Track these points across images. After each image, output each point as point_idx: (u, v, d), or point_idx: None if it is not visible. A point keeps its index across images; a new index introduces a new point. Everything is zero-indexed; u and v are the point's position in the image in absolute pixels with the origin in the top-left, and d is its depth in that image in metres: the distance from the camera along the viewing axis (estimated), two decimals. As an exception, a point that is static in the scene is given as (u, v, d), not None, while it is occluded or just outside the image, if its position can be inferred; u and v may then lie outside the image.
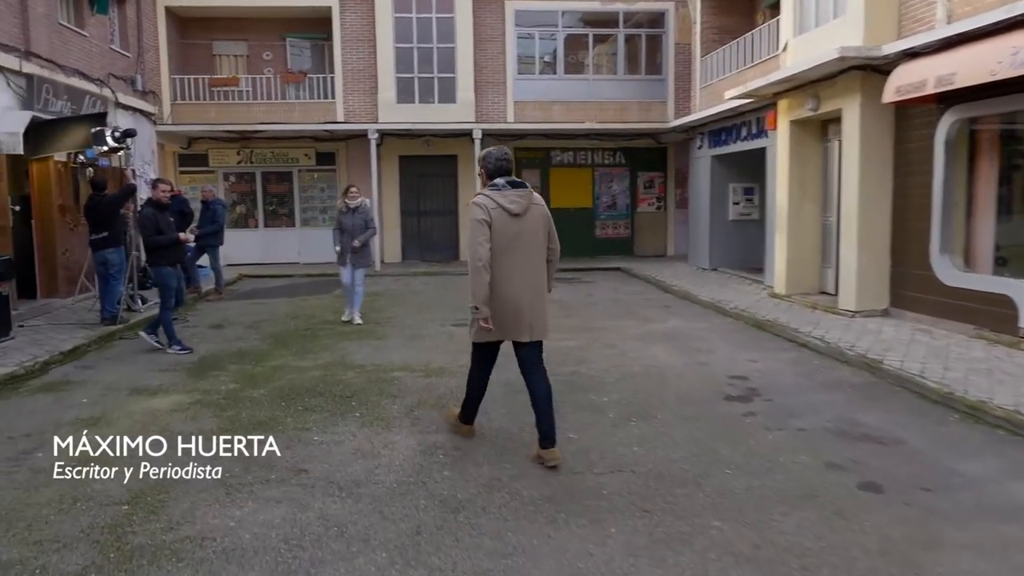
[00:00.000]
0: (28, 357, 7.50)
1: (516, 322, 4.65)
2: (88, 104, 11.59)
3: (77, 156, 11.35)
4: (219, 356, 7.91)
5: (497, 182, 4.64)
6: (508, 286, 4.57)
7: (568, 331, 9.12)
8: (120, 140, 9.49)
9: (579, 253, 18.02)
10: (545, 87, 17.42)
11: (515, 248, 4.56)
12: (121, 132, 9.52)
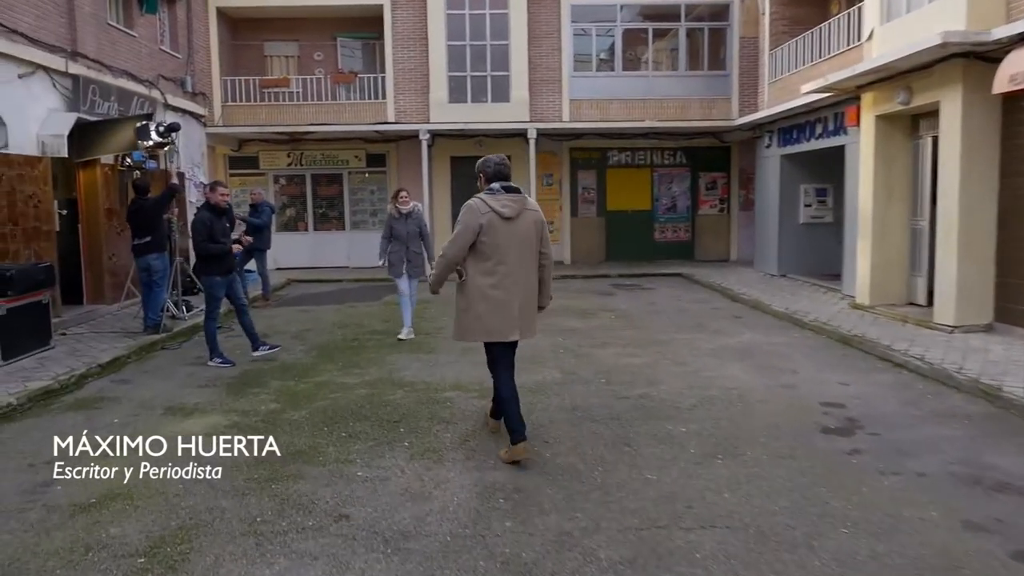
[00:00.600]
0: (65, 370, 7.15)
1: (508, 322, 4.74)
2: (136, 106, 11.34)
3: (124, 159, 11.11)
4: (261, 370, 7.44)
5: (493, 186, 4.75)
6: (498, 288, 4.67)
7: (633, 345, 8.41)
8: (165, 134, 9.15)
9: (637, 258, 17.29)
10: (602, 85, 16.69)
11: (506, 251, 4.66)
12: (165, 126, 9.17)
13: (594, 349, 8.23)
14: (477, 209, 4.62)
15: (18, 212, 8.85)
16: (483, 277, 4.65)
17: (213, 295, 7.62)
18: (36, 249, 9.16)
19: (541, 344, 8.46)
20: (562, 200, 17.45)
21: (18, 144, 8.81)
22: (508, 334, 4.78)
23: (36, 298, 7.84)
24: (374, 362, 7.71)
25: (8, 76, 8.62)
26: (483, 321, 4.70)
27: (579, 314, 10.63)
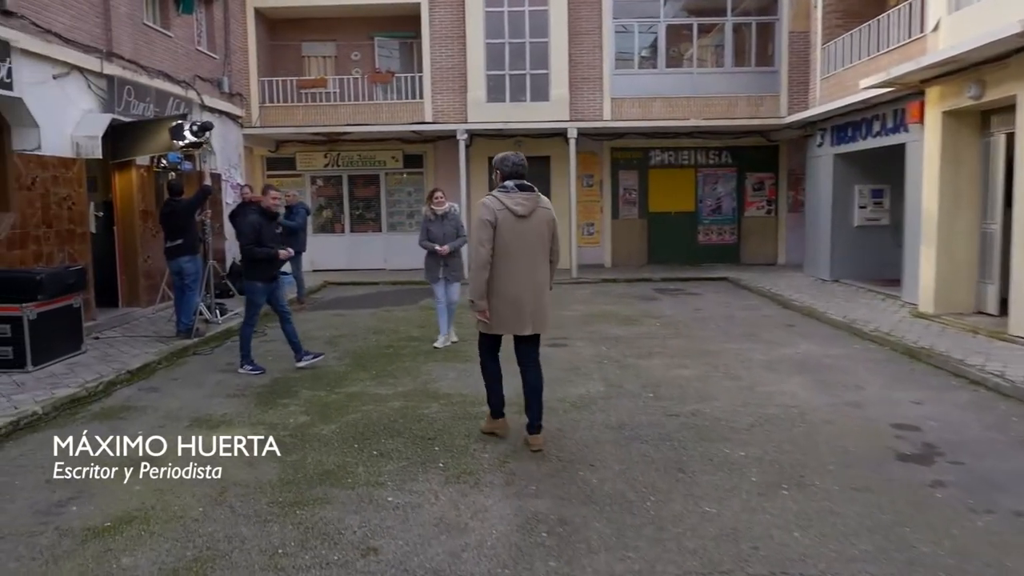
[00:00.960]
0: (93, 376, 6.95)
1: (518, 317, 4.94)
2: (172, 107, 11.22)
3: (160, 160, 11.02)
4: (292, 379, 7.16)
5: (507, 184, 4.88)
6: (511, 284, 4.86)
7: (681, 355, 7.95)
8: (199, 133, 8.96)
9: (680, 261, 16.75)
10: (644, 83, 16.19)
11: (519, 248, 4.84)
12: (199, 125, 8.98)
13: (640, 360, 7.78)
14: (491, 207, 4.78)
15: (52, 214, 8.74)
16: (496, 274, 4.82)
17: (253, 301, 7.35)
18: (70, 251, 9.05)
19: (584, 353, 8.06)
20: (603, 201, 16.99)
21: (52, 146, 8.69)
22: (521, 328, 4.99)
23: (67, 302, 7.69)
24: (409, 371, 7.38)
25: (42, 77, 8.50)
26: (497, 315, 4.91)
27: (622, 321, 10.18)
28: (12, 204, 8.10)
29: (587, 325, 9.88)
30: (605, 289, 13.76)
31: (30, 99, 8.13)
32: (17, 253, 8.12)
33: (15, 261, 8.04)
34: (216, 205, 13.28)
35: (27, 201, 8.30)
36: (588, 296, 12.79)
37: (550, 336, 8.99)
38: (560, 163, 16.60)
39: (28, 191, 8.32)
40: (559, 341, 8.77)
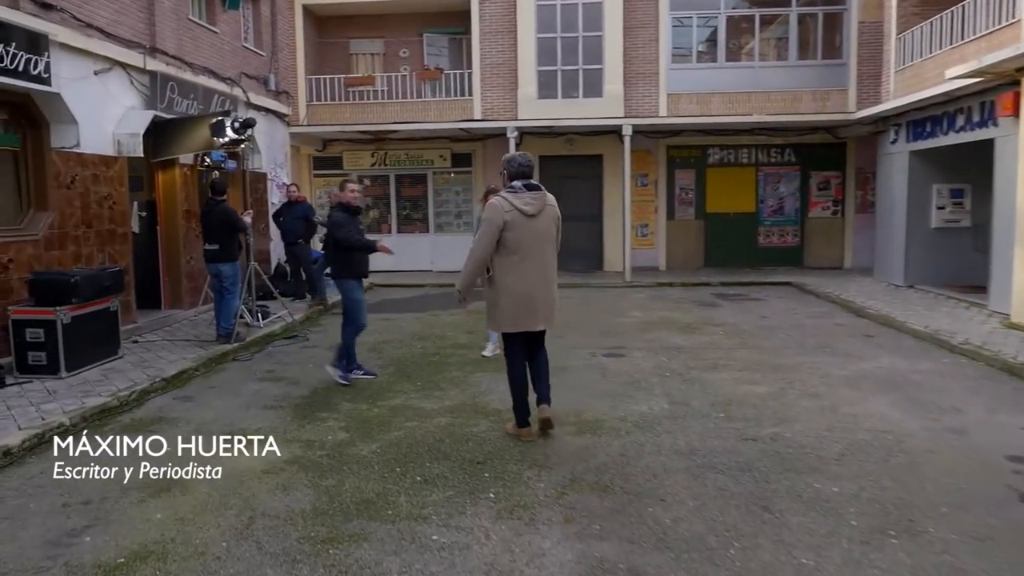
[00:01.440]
0: (127, 384, 6.64)
1: (532, 313, 5.05)
2: (217, 104, 10.96)
3: (203, 159, 10.75)
4: (332, 389, 6.73)
5: (515, 184, 5.02)
6: (523, 282, 4.98)
7: (750, 369, 7.29)
8: (240, 130, 8.65)
9: (739, 264, 15.97)
10: (703, 77, 15.44)
11: (530, 246, 4.96)
12: (241, 122, 8.66)
13: (705, 373, 7.15)
14: (500, 207, 4.89)
15: (92, 214, 8.51)
16: (508, 272, 4.96)
17: (355, 298, 6.85)
18: (111, 252, 8.82)
19: (643, 365, 7.46)
20: (657, 201, 16.29)
21: (93, 143, 8.46)
22: (533, 324, 5.09)
23: (103, 305, 7.42)
24: (456, 382, 6.89)
25: (83, 72, 8.27)
26: (510, 313, 5.02)
27: (682, 329, 9.53)
28: (50, 203, 7.87)
29: (645, 333, 9.26)
30: (661, 293, 13.10)
31: (69, 95, 7.89)
32: (55, 254, 7.89)
33: (53, 262, 7.80)
34: (261, 205, 13.05)
35: (66, 200, 8.07)
36: (644, 301, 12.15)
37: (606, 345, 8.43)
38: (613, 162, 15.99)
39: (67, 190, 8.09)
40: (616, 351, 8.18)
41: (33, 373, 6.80)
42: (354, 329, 6.90)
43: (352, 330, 6.89)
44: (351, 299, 6.86)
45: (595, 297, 12.69)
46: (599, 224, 16.35)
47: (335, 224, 6.71)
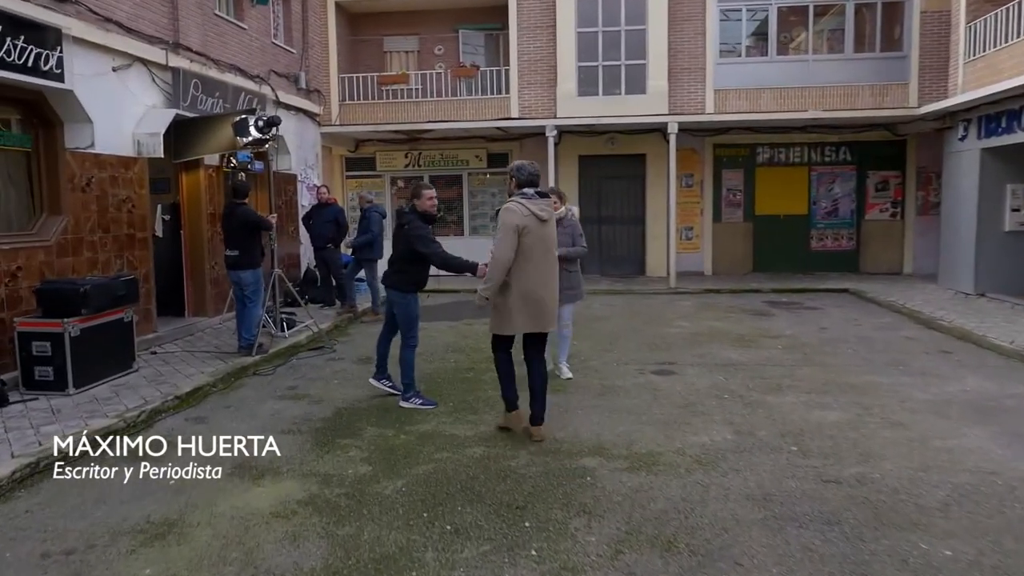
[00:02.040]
0: (137, 403, 6.15)
1: (540, 315, 5.18)
2: (244, 103, 10.51)
3: (229, 160, 10.31)
4: (357, 410, 6.16)
5: (527, 191, 5.17)
6: (534, 284, 5.11)
7: (819, 390, 6.53)
8: (265, 129, 8.14)
9: (790, 269, 15.11)
10: (752, 72, 14.61)
11: (541, 250, 5.14)
12: (265, 120, 8.16)
13: (768, 395, 6.42)
14: (519, 211, 5.05)
15: (109, 218, 8.07)
16: (520, 275, 5.07)
17: (416, 315, 6.21)
18: (129, 258, 8.38)
19: (698, 385, 6.75)
20: (703, 203, 15.49)
21: (111, 143, 8.03)
22: (540, 325, 5.23)
23: (116, 316, 6.95)
24: (492, 403, 6.25)
25: (99, 69, 7.84)
26: (522, 315, 5.13)
27: (736, 341, 8.78)
28: (64, 207, 7.44)
29: (696, 347, 8.54)
30: (709, 301, 12.32)
31: (84, 92, 7.46)
32: (69, 260, 7.45)
33: (66, 269, 7.37)
34: (290, 208, 12.61)
35: (81, 204, 7.64)
36: (691, 310, 11.39)
37: (655, 360, 7.75)
38: (657, 161, 15.23)
39: (83, 193, 7.66)
40: (666, 367, 7.48)
41: (40, 389, 6.35)
42: (414, 348, 6.27)
43: (413, 351, 6.26)
44: (413, 316, 6.21)
45: (639, 305, 11.96)
46: (641, 227, 15.61)
47: (420, 238, 5.97)
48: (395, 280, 6.19)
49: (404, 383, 6.24)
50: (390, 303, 6.34)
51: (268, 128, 8.24)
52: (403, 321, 6.20)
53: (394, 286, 6.20)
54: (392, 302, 6.27)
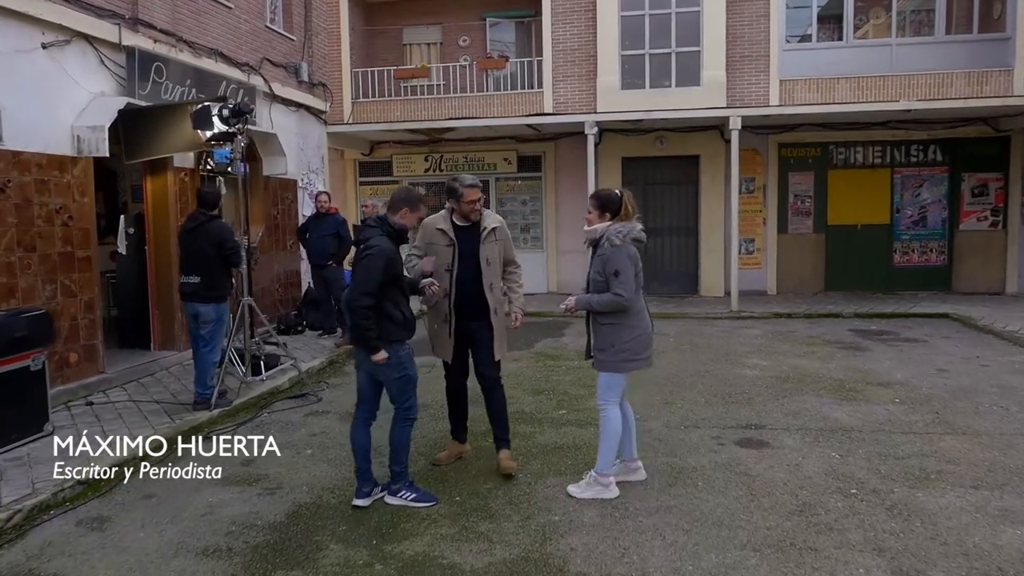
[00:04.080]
0: (19, 492, 4.40)
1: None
2: (227, 94, 8.79)
3: (206, 161, 8.64)
4: (323, 508, 4.34)
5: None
6: None
7: (986, 481, 4.51)
8: (230, 120, 6.42)
9: (869, 287, 13.02)
10: (824, 59, 12.58)
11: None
12: (231, 108, 6.43)
13: (915, 490, 4.42)
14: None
15: (35, 233, 6.39)
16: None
17: (411, 376, 4.35)
18: (65, 283, 6.70)
19: (806, 468, 4.78)
20: (766, 211, 13.41)
21: (37, 139, 6.40)
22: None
23: (15, 364, 5.22)
24: (514, 500, 4.37)
25: (20, 44, 6.20)
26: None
27: (835, 391, 6.77)
28: (-38, 219, 5.77)
29: (784, 398, 6.56)
30: (781, 328, 10.29)
31: (-8, 72, 5.80)
32: (-30, 289, 5.77)
33: (-35, 300, 5.70)
34: (290, 218, 10.91)
35: (-12, 215, 5.96)
36: (763, 341, 9.38)
37: (735, 421, 5.79)
38: (713, 163, 13.26)
39: (-8, 201, 5.98)
40: (753, 433, 5.52)
41: None
42: (412, 424, 4.44)
43: (411, 426, 4.43)
44: (410, 377, 4.34)
45: (698, 333, 9.98)
46: (694, 239, 13.61)
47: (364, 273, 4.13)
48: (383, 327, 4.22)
49: (394, 470, 4.37)
50: (366, 370, 4.34)
51: (236, 118, 6.50)
52: (396, 387, 4.30)
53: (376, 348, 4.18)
54: (373, 366, 4.22)
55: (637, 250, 4.30)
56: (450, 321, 4.72)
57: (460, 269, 4.66)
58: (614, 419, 4.39)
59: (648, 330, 4.38)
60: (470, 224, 4.72)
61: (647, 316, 4.41)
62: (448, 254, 4.67)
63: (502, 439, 4.95)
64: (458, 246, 4.66)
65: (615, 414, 4.39)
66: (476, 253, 4.67)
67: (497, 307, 4.77)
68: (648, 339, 4.37)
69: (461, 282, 4.67)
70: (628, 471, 4.60)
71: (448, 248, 4.67)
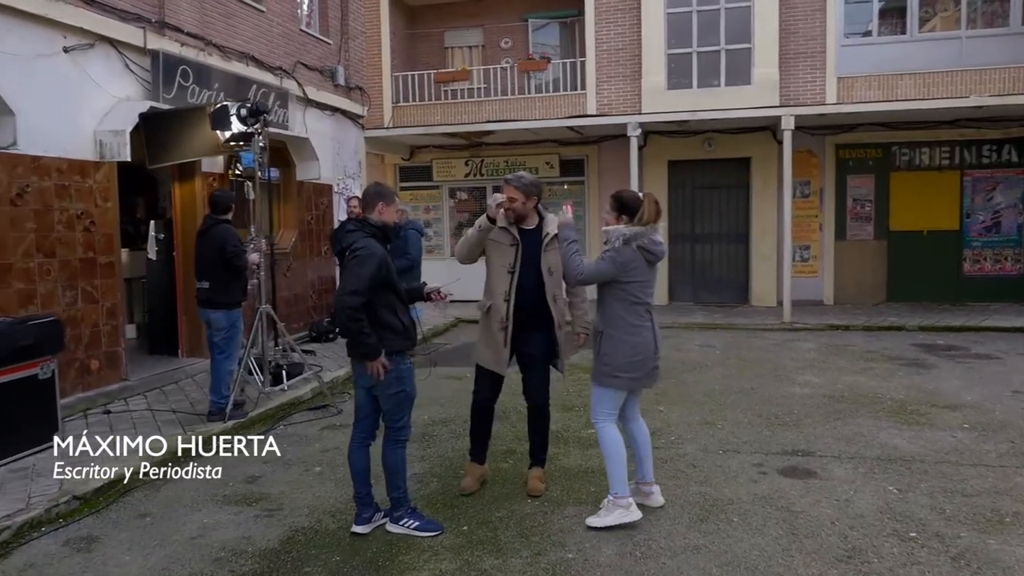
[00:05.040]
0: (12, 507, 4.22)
1: None
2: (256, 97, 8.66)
3: (235, 166, 8.52)
4: (320, 534, 4.02)
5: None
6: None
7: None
8: (247, 119, 6.25)
9: (937, 298, 12.19)
10: (886, 54, 11.88)
11: None
12: (249, 108, 6.24)
13: (987, 536, 3.84)
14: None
15: (55, 239, 6.30)
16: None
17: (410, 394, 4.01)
18: (87, 289, 6.59)
19: (857, 502, 4.26)
20: (823, 217, 12.69)
21: (58, 143, 6.32)
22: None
23: (23, 373, 5.08)
24: (528, 531, 3.98)
25: (40, 48, 6.12)
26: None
27: (895, 413, 6.17)
28: (-21, 224, 5.69)
29: (836, 420, 6.00)
30: (837, 342, 9.62)
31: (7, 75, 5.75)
32: (-15, 295, 5.68)
33: (-21, 307, 5.61)
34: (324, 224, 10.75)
35: (7, 220, 5.88)
36: (816, 355, 8.76)
37: (779, 446, 5.28)
38: (765, 166, 12.63)
39: (12, 206, 5.90)
40: (799, 461, 5.01)
41: None
42: (405, 444, 4.05)
43: (404, 447, 4.04)
44: (408, 395, 3.99)
45: (746, 347, 9.40)
46: (744, 246, 12.97)
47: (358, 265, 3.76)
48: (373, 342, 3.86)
49: (393, 496, 4.02)
50: (364, 385, 3.98)
51: (255, 117, 6.31)
52: (392, 403, 3.96)
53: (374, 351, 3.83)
54: (370, 380, 3.87)
55: (646, 259, 3.89)
56: (507, 327, 4.28)
57: (522, 274, 4.26)
58: (608, 437, 4.03)
59: (646, 349, 3.96)
60: (534, 227, 4.33)
61: (649, 335, 3.98)
62: (511, 254, 4.26)
63: (538, 457, 4.61)
64: (522, 248, 4.26)
65: (609, 432, 4.03)
66: (538, 260, 4.26)
67: (561, 321, 4.36)
68: (643, 360, 3.96)
69: (522, 289, 4.25)
70: (641, 495, 4.20)
71: (512, 248, 4.27)
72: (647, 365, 3.97)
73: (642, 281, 3.93)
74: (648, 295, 3.99)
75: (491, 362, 4.39)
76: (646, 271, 3.93)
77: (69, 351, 6.34)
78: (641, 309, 3.95)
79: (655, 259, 3.94)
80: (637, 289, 3.92)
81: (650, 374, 4.03)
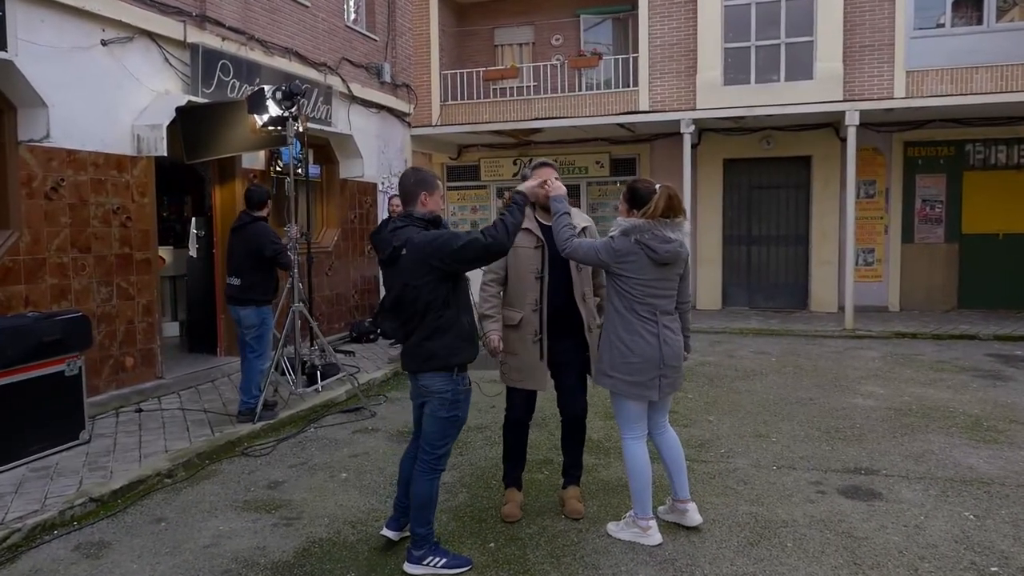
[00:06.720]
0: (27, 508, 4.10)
1: None
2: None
3: (276, 161, 8.43)
4: (336, 549, 3.77)
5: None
6: None
7: None
8: (283, 102, 6.09)
9: (1013, 305, 11.39)
10: (960, 46, 11.14)
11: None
12: (284, 90, 6.09)
13: (1081, 571, 3.38)
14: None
15: (91, 234, 6.24)
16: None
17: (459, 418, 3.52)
18: (123, 285, 6.53)
19: (928, 529, 3.83)
20: (889, 218, 12.00)
21: (94, 138, 6.26)
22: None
23: (48, 369, 4.99)
24: (557, 559, 3.65)
25: (78, 40, 6.07)
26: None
27: (970, 429, 5.63)
28: (15, 218, 5.65)
29: (904, 435, 5.50)
30: (903, 350, 9.01)
31: (41, 67, 5.68)
32: (20, 289, 5.64)
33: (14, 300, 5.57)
34: (368, 222, 10.62)
35: (42, 214, 5.83)
36: (881, 364, 8.19)
37: (840, 462, 4.84)
38: (827, 165, 12.02)
39: (47, 200, 5.86)
40: (861, 480, 4.55)
41: (-80, 476, 4.48)
42: (439, 475, 3.56)
43: (437, 479, 3.54)
44: (460, 421, 3.52)
45: (805, 354, 8.87)
46: (804, 248, 12.36)
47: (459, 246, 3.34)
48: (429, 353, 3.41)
49: (417, 533, 3.52)
50: (424, 398, 3.50)
51: (290, 99, 6.15)
52: (438, 427, 3.47)
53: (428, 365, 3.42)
54: (430, 393, 3.44)
55: (649, 257, 3.52)
56: (541, 340, 3.89)
57: (552, 276, 3.89)
58: (630, 456, 3.72)
59: (645, 354, 3.58)
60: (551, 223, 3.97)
61: (652, 340, 3.58)
62: (536, 258, 3.89)
63: (572, 474, 4.22)
64: (547, 248, 3.89)
65: (633, 450, 3.72)
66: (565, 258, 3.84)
67: (591, 322, 3.98)
68: (640, 365, 3.58)
69: (553, 292, 3.90)
70: (676, 512, 3.88)
71: (536, 251, 3.89)
72: (647, 373, 3.57)
73: (643, 279, 3.55)
74: (655, 296, 3.58)
75: (528, 381, 3.96)
76: (651, 269, 3.55)
77: (103, 348, 6.31)
78: (643, 310, 3.57)
79: (659, 258, 3.54)
80: (636, 286, 3.55)
81: (653, 384, 3.61)
